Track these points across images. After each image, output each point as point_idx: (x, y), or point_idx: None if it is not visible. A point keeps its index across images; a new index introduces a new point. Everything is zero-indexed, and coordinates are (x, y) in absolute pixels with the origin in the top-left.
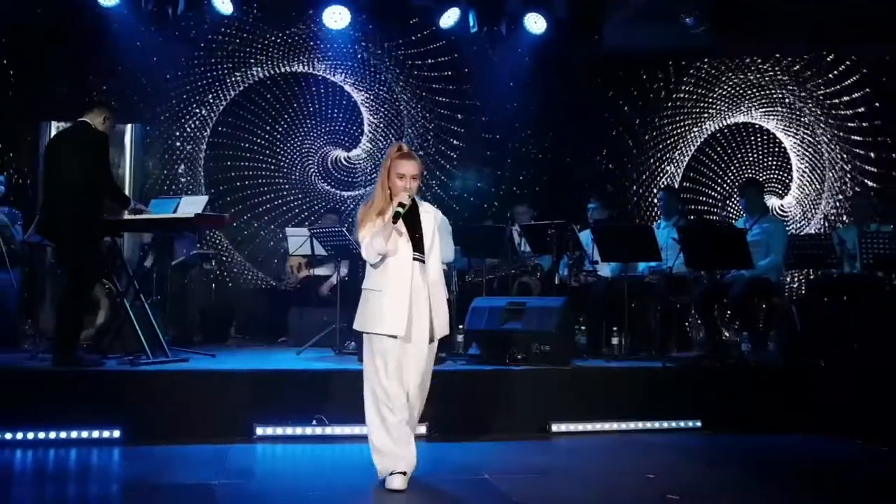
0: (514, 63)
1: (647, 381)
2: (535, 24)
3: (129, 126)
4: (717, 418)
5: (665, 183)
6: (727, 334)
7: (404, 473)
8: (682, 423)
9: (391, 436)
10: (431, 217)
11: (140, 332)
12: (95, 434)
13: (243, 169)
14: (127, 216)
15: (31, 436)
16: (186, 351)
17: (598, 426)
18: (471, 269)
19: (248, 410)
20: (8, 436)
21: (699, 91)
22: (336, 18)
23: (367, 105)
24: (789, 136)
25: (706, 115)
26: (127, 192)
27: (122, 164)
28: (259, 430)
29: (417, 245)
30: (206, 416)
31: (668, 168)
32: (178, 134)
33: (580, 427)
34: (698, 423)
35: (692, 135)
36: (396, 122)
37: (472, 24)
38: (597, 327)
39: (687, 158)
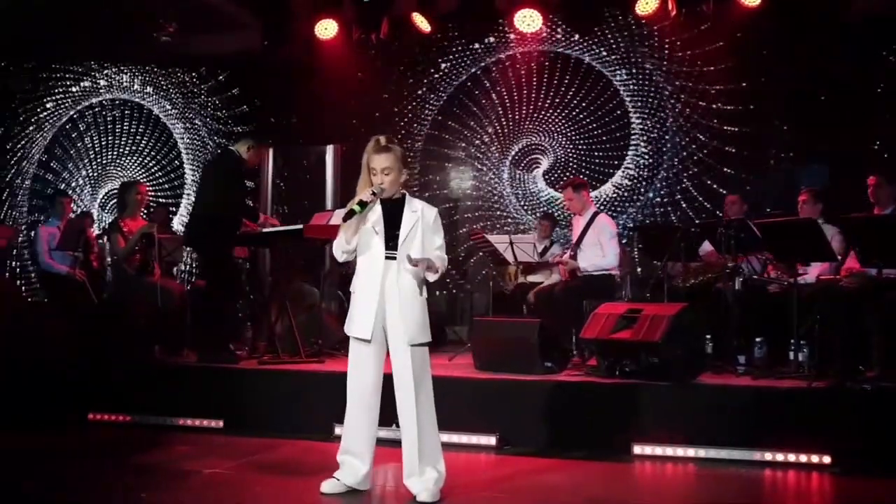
0: (730, 40)
1: (769, 402)
2: None
3: (329, 147)
4: (852, 454)
5: None
6: None
7: (338, 480)
8: (803, 458)
9: (345, 441)
10: (415, 216)
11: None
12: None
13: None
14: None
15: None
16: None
17: (690, 452)
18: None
19: (330, 410)
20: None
21: None
22: (528, 22)
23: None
24: None
25: None
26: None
27: (325, 181)
28: (337, 430)
29: (393, 244)
30: (295, 412)
31: None
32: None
33: (668, 451)
34: (826, 459)
35: None
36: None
37: (669, 7)
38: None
39: None
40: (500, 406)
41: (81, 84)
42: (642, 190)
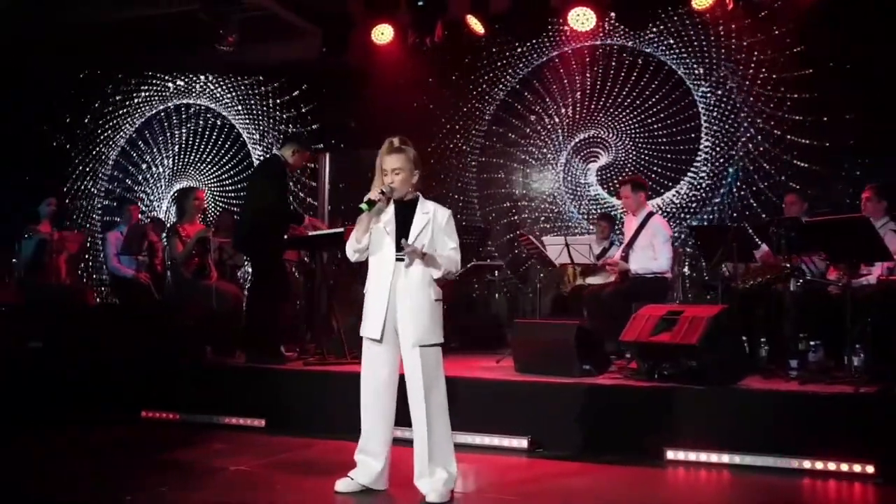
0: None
1: (811, 407)
2: None
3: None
4: None
5: None
6: None
7: (352, 479)
8: (844, 467)
9: (361, 440)
10: (426, 217)
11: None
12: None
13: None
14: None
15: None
16: None
17: (724, 458)
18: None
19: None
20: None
21: None
22: (582, 20)
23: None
24: None
25: None
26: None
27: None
28: None
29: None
30: (334, 413)
31: None
32: (448, 151)
33: (702, 457)
34: (870, 469)
35: None
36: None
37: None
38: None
39: None
40: (533, 409)
41: (153, 91)
42: (710, 189)
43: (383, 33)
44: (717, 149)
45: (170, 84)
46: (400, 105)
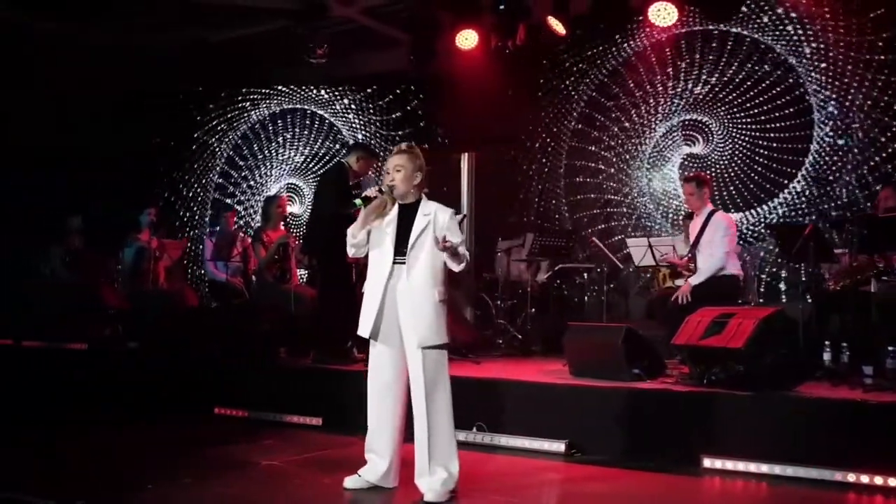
0: None
1: (862, 417)
2: None
3: (464, 156)
4: None
5: None
6: None
7: (360, 476)
8: (893, 482)
9: (367, 438)
10: (427, 219)
11: None
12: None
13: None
14: None
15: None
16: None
17: (763, 468)
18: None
19: None
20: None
21: None
22: (663, 15)
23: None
24: None
25: None
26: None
27: (460, 187)
28: None
29: (403, 248)
30: None
31: None
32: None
33: (740, 466)
34: None
35: None
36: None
37: None
38: None
39: None
40: (573, 412)
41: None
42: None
43: (467, 38)
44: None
45: (271, 96)
46: (485, 109)
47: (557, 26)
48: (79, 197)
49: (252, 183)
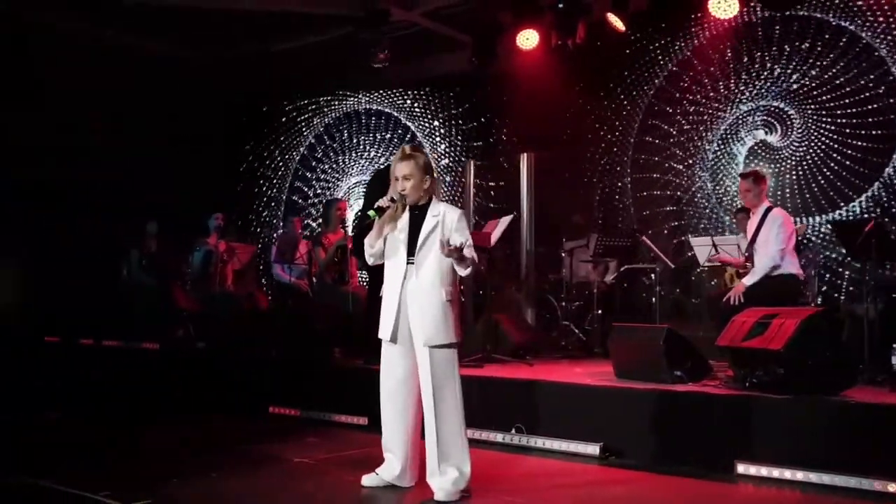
0: None
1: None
2: None
3: (523, 155)
4: None
5: None
6: None
7: (377, 474)
8: None
9: (383, 438)
10: (435, 220)
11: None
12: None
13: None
14: None
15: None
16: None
17: (799, 475)
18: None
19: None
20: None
21: None
22: (724, 8)
23: None
24: None
25: None
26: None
27: (520, 188)
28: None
29: (414, 249)
30: None
31: None
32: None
33: (775, 473)
34: None
35: None
36: None
37: None
38: None
39: None
40: (610, 415)
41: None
42: None
43: (528, 38)
44: None
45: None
46: (548, 109)
47: (617, 23)
48: (155, 201)
49: (324, 187)
